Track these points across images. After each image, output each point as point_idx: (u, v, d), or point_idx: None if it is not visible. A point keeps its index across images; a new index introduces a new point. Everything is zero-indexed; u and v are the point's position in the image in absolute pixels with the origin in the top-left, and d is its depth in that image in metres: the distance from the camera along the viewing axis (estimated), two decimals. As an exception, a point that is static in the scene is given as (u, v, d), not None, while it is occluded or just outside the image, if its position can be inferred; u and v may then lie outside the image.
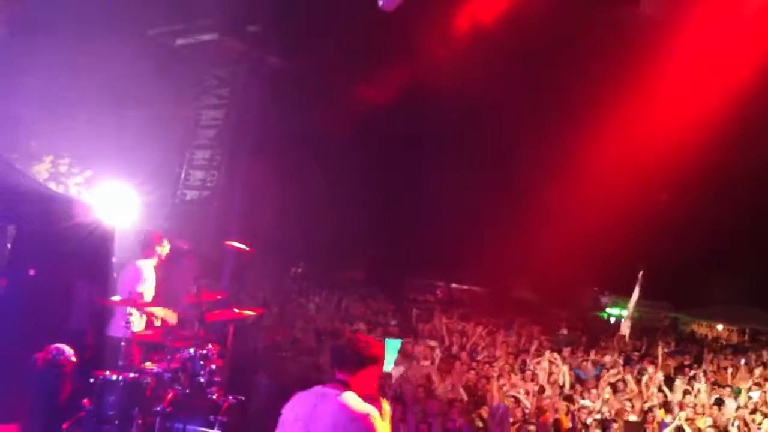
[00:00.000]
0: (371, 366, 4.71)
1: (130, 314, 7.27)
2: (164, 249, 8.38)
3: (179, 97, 18.23)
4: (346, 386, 4.57)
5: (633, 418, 11.75)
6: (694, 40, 16.27)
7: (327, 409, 4.47)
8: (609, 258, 24.94)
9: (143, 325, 7.87)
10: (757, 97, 17.14)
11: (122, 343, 7.10)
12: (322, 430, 4.45)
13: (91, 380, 6.84)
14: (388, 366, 12.76)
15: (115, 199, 12.96)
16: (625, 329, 18.78)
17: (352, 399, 4.49)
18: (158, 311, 8.00)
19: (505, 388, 12.45)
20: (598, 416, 11.82)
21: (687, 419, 11.73)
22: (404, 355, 13.74)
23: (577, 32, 17.80)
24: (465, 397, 11.94)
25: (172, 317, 7.98)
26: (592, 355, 16.06)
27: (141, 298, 7.76)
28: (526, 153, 24.30)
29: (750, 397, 13.31)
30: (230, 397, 7.13)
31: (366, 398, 4.55)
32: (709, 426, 11.54)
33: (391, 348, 13.29)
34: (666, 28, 16.45)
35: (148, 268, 8.16)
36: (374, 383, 4.75)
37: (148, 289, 8.05)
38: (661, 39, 16.66)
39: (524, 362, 14.67)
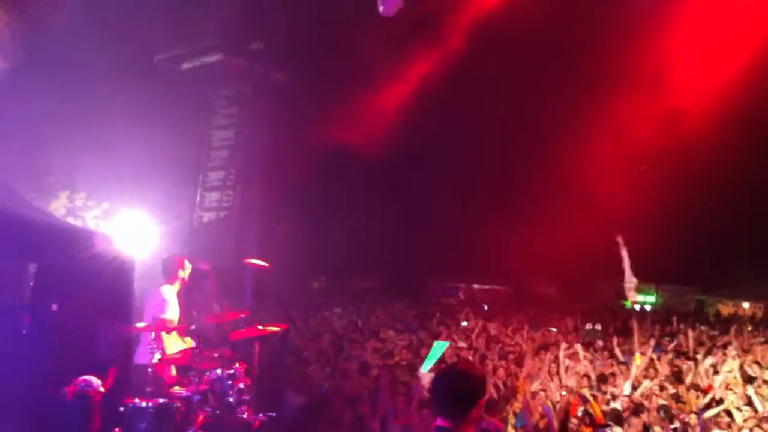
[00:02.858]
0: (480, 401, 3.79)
1: (158, 340, 7.32)
2: (186, 272, 8.39)
3: (189, 120, 18.38)
4: None
5: (663, 402, 11.66)
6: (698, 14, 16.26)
7: None
8: (630, 247, 24.77)
9: (173, 348, 7.92)
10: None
11: (149, 370, 7.15)
12: None
13: (121, 409, 6.89)
14: (425, 369, 12.75)
15: (133, 229, 13.09)
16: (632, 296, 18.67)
17: None
18: (174, 339, 8.02)
19: (534, 384, 12.41)
20: (626, 401, 11.77)
21: (717, 400, 11.66)
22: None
23: (576, 15, 17.80)
24: (495, 396, 11.91)
25: (189, 343, 7.99)
26: (621, 344, 15.95)
27: (166, 324, 7.79)
28: (537, 151, 24.28)
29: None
30: (261, 415, 7.15)
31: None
32: (743, 404, 11.44)
33: (438, 351, 13.25)
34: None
35: (171, 293, 8.19)
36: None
37: (172, 314, 8.08)
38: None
39: (552, 357, 14.62)
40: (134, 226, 13.60)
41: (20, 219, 9.03)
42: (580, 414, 10.84)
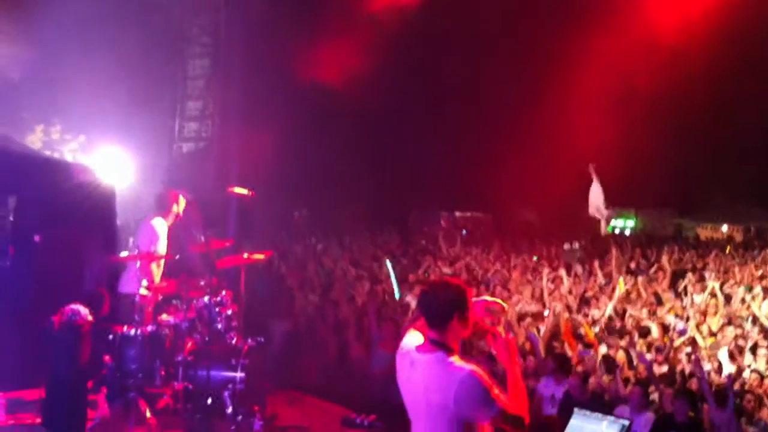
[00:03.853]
0: (460, 313, 4.01)
1: (145, 270, 7.30)
2: (181, 207, 8.29)
3: (164, 49, 17.98)
4: (439, 347, 3.97)
5: (649, 323, 11.87)
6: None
7: (420, 378, 3.94)
8: (607, 171, 24.83)
9: (159, 278, 7.89)
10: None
11: (136, 299, 7.14)
12: (424, 403, 3.92)
13: (110, 337, 6.90)
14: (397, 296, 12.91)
15: (112, 161, 12.94)
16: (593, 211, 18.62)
17: (447, 360, 3.90)
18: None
19: (519, 307, 12.58)
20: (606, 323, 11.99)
21: (698, 323, 11.87)
22: (420, 284, 13.83)
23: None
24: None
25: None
26: (601, 267, 16.13)
27: (153, 255, 7.74)
28: (520, 76, 24.12)
29: (759, 293, 13.44)
30: (249, 340, 7.18)
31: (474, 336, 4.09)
32: (723, 324, 11.66)
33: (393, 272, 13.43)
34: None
35: (161, 225, 8.08)
36: (466, 334, 4.09)
37: (162, 247, 8.00)
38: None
39: (536, 282, 14.78)
40: (112, 157, 13.47)
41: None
42: (572, 337, 11.03)
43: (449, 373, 3.85)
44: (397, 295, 12.74)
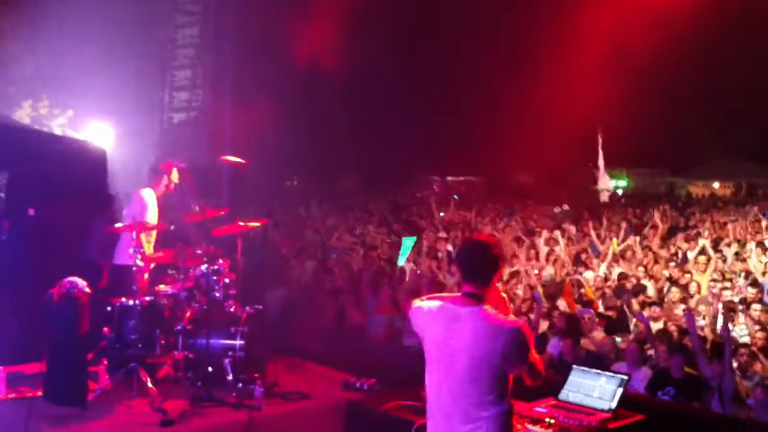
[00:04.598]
0: (501, 270, 4.28)
1: (137, 240, 7.28)
2: (174, 177, 8.24)
3: (151, 19, 17.79)
4: (479, 300, 4.10)
5: (645, 282, 11.95)
6: None
7: (467, 330, 4.02)
8: (601, 131, 24.85)
9: (150, 249, 7.89)
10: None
11: (133, 269, 7.14)
12: (466, 355, 4.01)
13: (109, 308, 6.91)
14: (402, 261, 12.95)
15: (102, 133, 12.87)
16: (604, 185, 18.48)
17: (493, 314, 4.05)
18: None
19: (515, 267, 12.64)
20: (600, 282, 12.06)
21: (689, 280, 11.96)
22: (414, 250, 13.89)
23: None
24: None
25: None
26: (595, 228, 16.20)
27: (146, 225, 7.72)
28: (513, 38, 24.00)
29: (751, 248, 13.52)
30: (248, 308, 7.20)
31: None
32: (714, 280, 11.74)
33: (408, 244, 13.44)
34: None
35: (149, 196, 8.03)
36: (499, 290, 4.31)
37: (152, 217, 7.98)
38: None
39: (530, 244, 14.82)
40: (102, 130, 13.39)
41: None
42: (574, 297, 11.11)
43: (498, 326, 4.00)
44: (400, 263, 12.80)
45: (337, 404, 6.69)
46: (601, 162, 18.54)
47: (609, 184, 18.09)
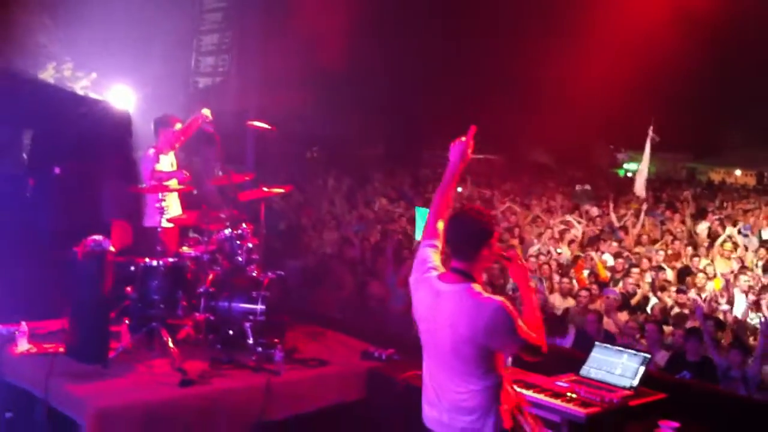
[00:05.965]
0: (489, 243, 4.02)
1: (162, 200, 7.29)
2: (176, 127, 8.13)
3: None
4: (466, 277, 3.98)
5: (663, 265, 11.92)
6: None
7: (448, 308, 3.93)
8: (621, 113, 24.61)
9: (174, 210, 7.89)
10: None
11: (158, 230, 7.16)
12: (449, 333, 3.92)
13: (132, 268, 6.93)
14: (419, 235, 12.91)
15: (124, 97, 12.84)
16: (640, 189, 18.26)
17: (475, 291, 3.91)
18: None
19: (531, 250, 12.64)
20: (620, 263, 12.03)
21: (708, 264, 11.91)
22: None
23: None
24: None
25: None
26: (615, 210, 16.13)
27: (167, 187, 7.71)
28: (535, 18, 23.74)
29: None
30: (270, 273, 7.20)
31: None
32: (734, 267, 11.70)
33: (422, 216, 13.40)
34: None
35: (154, 156, 7.93)
36: (489, 263, 4.17)
37: (163, 174, 7.89)
38: None
39: (548, 223, 14.79)
40: (125, 93, 13.37)
41: (8, 86, 8.80)
42: (585, 274, 11.09)
43: (479, 304, 3.86)
44: (417, 237, 12.78)
45: (355, 372, 6.70)
46: (647, 147, 18.19)
47: (644, 171, 17.78)
